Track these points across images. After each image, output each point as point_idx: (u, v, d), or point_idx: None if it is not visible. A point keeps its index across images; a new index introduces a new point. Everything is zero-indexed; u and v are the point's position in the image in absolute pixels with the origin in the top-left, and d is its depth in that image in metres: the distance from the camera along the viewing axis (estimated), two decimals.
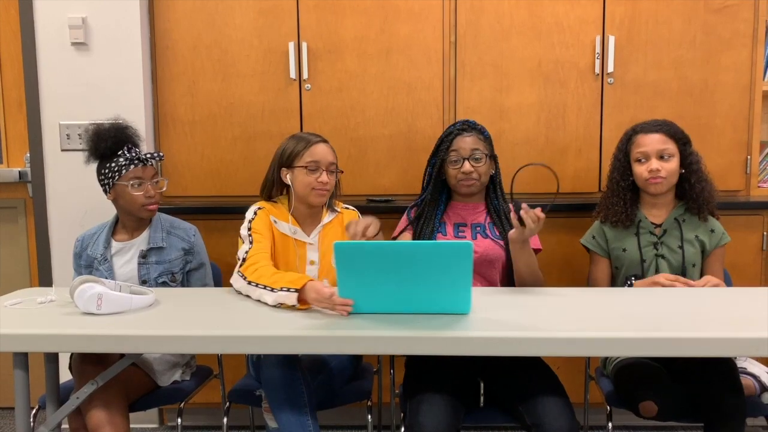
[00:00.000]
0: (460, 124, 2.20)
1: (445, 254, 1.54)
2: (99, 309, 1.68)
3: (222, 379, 2.41)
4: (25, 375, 1.71)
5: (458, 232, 2.19)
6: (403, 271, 1.56)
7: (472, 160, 2.14)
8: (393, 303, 1.63)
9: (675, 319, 1.62)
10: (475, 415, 1.91)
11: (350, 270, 1.58)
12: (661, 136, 2.14)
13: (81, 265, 2.26)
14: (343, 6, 2.76)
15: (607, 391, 2.09)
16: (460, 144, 2.14)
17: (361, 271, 1.58)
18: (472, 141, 2.15)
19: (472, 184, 2.15)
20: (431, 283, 1.59)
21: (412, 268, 1.56)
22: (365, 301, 1.63)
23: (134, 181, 2.15)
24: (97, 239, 2.24)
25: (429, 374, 1.87)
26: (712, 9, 2.72)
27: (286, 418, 1.82)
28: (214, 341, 1.56)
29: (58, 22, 2.69)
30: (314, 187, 2.08)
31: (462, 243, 1.53)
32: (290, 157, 2.10)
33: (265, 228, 2.07)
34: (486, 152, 2.16)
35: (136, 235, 2.24)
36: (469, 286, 1.60)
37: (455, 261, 1.54)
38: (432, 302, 1.63)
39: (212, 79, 2.82)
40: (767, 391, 2.00)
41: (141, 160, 2.17)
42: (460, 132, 2.17)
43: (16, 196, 2.94)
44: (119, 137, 2.16)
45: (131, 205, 2.18)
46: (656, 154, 2.13)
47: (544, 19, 2.75)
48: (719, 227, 2.19)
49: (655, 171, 2.11)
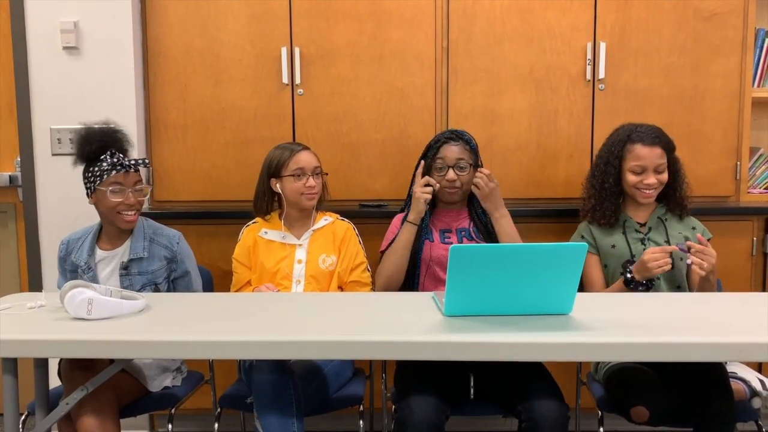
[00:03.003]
0: (449, 133, 2.31)
1: (561, 255, 1.57)
2: (89, 314, 1.67)
3: (213, 385, 2.40)
4: (14, 381, 1.69)
5: (444, 238, 2.27)
6: (515, 272, 1.58)
7: (456, 169, 2.24)
8: (497, 305, 1.64)
9: (665, 324, 1.62)
10: (465, 406, 1.95)
11: (462, 273, 1.58)
12: (660, 150, 2.19)
13: (66, 270, 2.21)
14: (335, 11, 2.77)
15: (599, 396, 2.10)
16: (447, 152, 2.25)
17: (472, 274, 1.58)
18: (459, 150, 2.26)
19: (454, 192, 2.26)
20: (540, 284, 1.61)
21: (525, 269, 1.58)
22: (469, 304, 1.64)
23: (114, 187, 2.07)
24: (82, 245, 2.19)
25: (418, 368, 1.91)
26: (701, 16, 2.75)
27: (271, 422, 1.82)
28: (205, 346, 1.55)
29: (49, 26, 2.68)
30: (303, 192, 2.24)
31: (578, 244, 1.57)
32: (277, 167, 2.26)
33: (245, 253, 2.29)
34: (470, 162, 2.26)
35: (119, 243, 2.19)
36: (575, 286, 1.63)
37: (569, 262, 1.58)
38: (536, 303, 1.64)
39: (204, 83, 2.81)
40: (757, 396, 2.01)
41: (123, 166, 2.08)
42: (447, 141, 2.27)
43: (6, 200, 2.92)
44: (106, 141, 2.10)
45: (108, 212, 2.11)
46: (654, 168, 2.18)
47: (535, 25, 2.76)
48: (699, 224, 2.26)
49: (649, 185, 2.18)
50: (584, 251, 1.57)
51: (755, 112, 2.85)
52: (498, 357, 1.53)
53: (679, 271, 2.18)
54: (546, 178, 2.82)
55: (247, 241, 2.30)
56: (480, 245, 1.79)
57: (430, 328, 1.59)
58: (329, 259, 2.26)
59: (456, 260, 1.56)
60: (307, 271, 2.23)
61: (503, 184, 2.80)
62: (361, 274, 2.29)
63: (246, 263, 2.29)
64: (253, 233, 2.31)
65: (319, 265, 2.24)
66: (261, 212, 2.33)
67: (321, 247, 2.27)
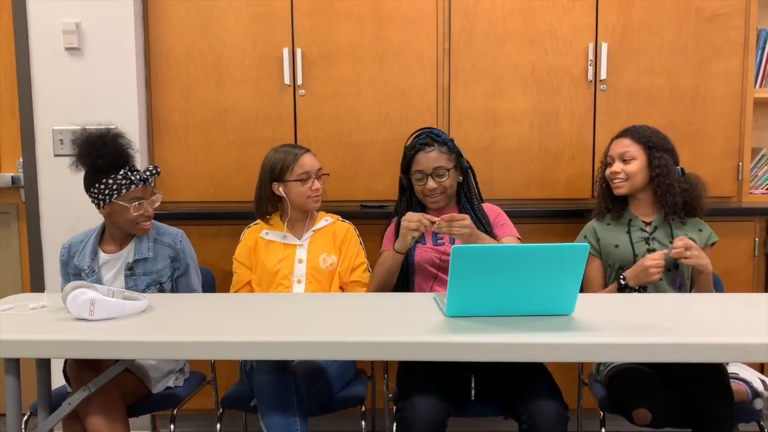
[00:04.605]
0: (424, 137, 2.24)
1: (562, 256, 1.58)
2: (92, 315, 1.67)
3: (215, 385, 2.40)
4: (17, 381, 1.69)
5: (437, 240, 2.24)
6: (516, 273, 1.58)
7: (435, 176, 2.19)
8: (498, 306, 1.64)
9: (667, 325, 1.62)
10: (465, 407, 1.95)
11: (464, 273, 1.58)
12: (627, 140, 2.24)
13: (69, 273, 2.20)
14: (337, 12, 2.77)
15: (600, 396, 2.09)
16: (422, 161, 2.20)
17: (474, 275, 1.58)
18: (435, 157, 2.19)
19: (437, 199, 2.22)
20: (541, 285, 1.61)
21: (527, 270, 1.58)
22: (471, 305, 1.64)
23: (135, 202, 2.10)
24: (84, 248, 2.19)
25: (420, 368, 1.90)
26: (703, 17, 2.74)
27: (274, 422, 1.82)
28: (207, 347, 1.55)
29: (51, 27, 2.68)
30: (309, 195, 2.25)
31: (580, 245, 1.58)
32: (281, 171, 2.25)
33: (246, 253, 2.30)
34: (449, 167, 2.20)
35: (124, 245, 2.19)
36: (577, 286, 1.63)
37: (570, 262, 1.58)
38: (538, 304, 1.64)
39: (206, 84, 2.81)
40: (759, 397, 2.01)
41: (143, 179, 2.11)
42: (422, 147, 2.21)
43: (8, 201, 2.93)
44: (117, 152, 2.08)
45: (126, 223, 2.13)
46: (619, 157, 2.22)
47: (537, 26, 2.76)
48: (706, 227, 2.25)
49: (614, 173, 2.22)
50: (586, 252, 1.57)
51: (757, 112, 2.85)
52: (499, 357, 1.53)
53: (682, 273, 2.17)
54: (548, 179, 2.82)
55: (249, 242, 2.31)
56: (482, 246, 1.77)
57: (432, 329, 1.59)
58: (330, 258, 2.27)
59: (458, 260, 1.56)
60: (308, 271, 2.24)
61: (505, 184, 2.82)
62: (361, 275, 2.29)
63: (247, 263, 2.30)
64: (255, 234, 2.31)
65: (320, 265, 2.25)
66: (263, 215, 2.34)
67: (321, 247, 2.28)
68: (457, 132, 2.77)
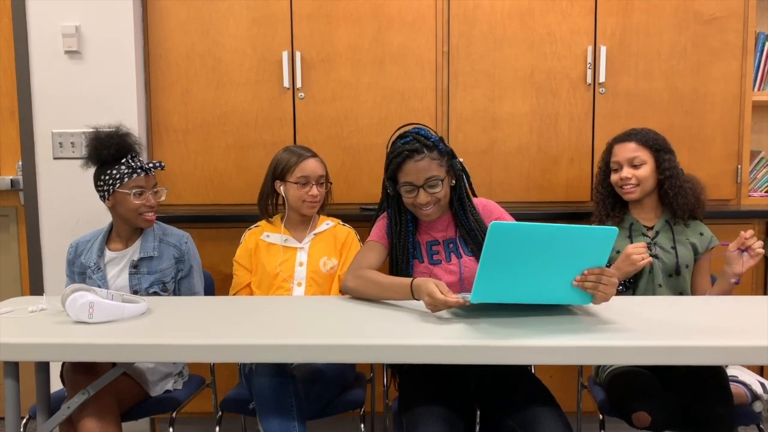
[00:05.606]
0: (411, 140, 1.95)
1: (592, 238, 1.59)
2: (91, 317, 1.67)
3: (214, 389, 2.40)
4: (16, 384, 1.69)
5: (432, 253, 2.06)
6: (546, 255, 1.57)
7: (427, 188, 1.94)
8: (523, 292, 1.63)
9: (666, 328, 1.62)
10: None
11: (497, 252, 1.55)
12: (633, 144, 2.21)
13: (74, 272, 2.23)
14: (336, 16, 2.78)
15: (600, 399, 2.09)
16: (412, 172, 1.93)
17: (507, 255, 1.56)
18: (426, 166, 1.92)
19: (430, 212, 1.98)
20: (568, 270, 1.61)
21: (557, 252, 1.57)
22: (497, 290, 1.62)
23: (136, 190, 2.14)
24: (91, 247, 2.22)
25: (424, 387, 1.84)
26: (702, 20, 2.75)
27: (272, 425, 1.82)
28: (206, 350, 1.55)
29: (51, 30, 2.69)
30: (305, 200, 2.24)
31: (609, 228, 1.58)
32: (282, 171, 2.26)
33: (246, 256, 2.30)
34: (442, 176, 1.95)
35: (130, 243, 2.23)
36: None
37: (597, 247, 1.59)
38: (560, 291, 1.64)
39: (206, 87, 2.82)
40: (758, 400, 2.01)
41: (144, 169, 2.16)
42: (410, 155, 1.92)
43: (7, 204, 2.93)
44: (122, 144, 2.15)
45: (130, 213, 2.16)
46: (628, 162, 2.20)
47: (536, 29, 2.77)
48: (707, 231, 2.24)
49: (625, 179, 2.19)
50: (614, 235, 1.58)
51: (756, 115, 2.86)
52: (499, 360, 1.53)
53: (683, 279, 2.16)
54: (547, 182, 2.82)
55: (249, 244, 2.31)
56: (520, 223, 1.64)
57: (431, 332, 1.59)
58: (330, 262, 2.27)
59: (494, 238, 1.53)
60: (308, 274, 2.24)
61: (504, 187, 2.82)
62: None
63: (247, 266, 2.30)
64: (255, 236, 2.31)
65: (320, 268, 2.25)
66: (265, 212, 2.33)
67: (322, 250, 2.28)
68: (456, 135, 2.78)
